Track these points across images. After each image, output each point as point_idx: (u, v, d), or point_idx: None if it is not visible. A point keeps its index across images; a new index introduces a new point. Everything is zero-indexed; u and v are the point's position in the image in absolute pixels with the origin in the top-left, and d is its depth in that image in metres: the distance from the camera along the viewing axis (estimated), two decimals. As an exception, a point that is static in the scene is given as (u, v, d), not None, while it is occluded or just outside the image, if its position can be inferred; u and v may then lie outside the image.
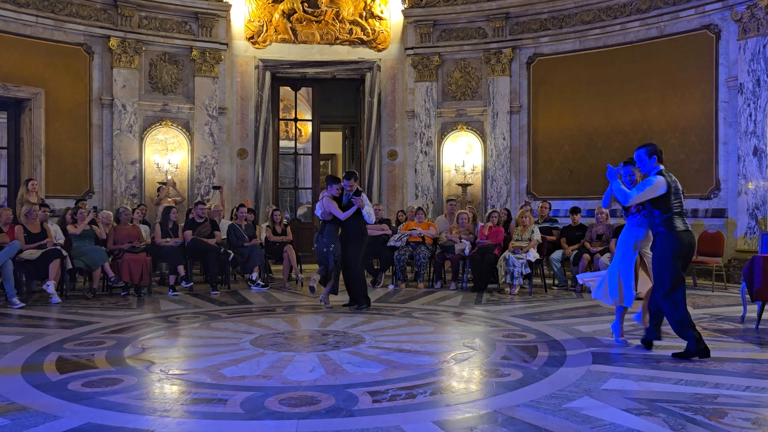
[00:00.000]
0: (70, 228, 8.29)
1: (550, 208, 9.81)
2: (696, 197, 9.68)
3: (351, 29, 11.83)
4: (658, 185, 4.82)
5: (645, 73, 10.24)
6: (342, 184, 7.15)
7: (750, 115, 9.03)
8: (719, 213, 9.46)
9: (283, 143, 13.56)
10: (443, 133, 11.78)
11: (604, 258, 8.18)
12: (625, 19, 10.39)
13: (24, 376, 4.24)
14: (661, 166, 4.96)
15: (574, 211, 9.09)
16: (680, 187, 4.94)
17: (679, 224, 4.83)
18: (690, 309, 6.89)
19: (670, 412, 3.42)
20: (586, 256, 8.33)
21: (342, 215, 6.94)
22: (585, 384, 4.00)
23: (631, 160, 5.13)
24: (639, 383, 4.01)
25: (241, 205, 9.55)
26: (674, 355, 4.72)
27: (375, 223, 9.48)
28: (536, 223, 9.17)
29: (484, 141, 11.61)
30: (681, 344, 4.80)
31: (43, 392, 3.87)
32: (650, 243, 5.06)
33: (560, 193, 10.86)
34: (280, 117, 13.16)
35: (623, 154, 10.26)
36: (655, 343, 5.09)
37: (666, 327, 5.04)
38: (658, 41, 10.13)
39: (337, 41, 11.84)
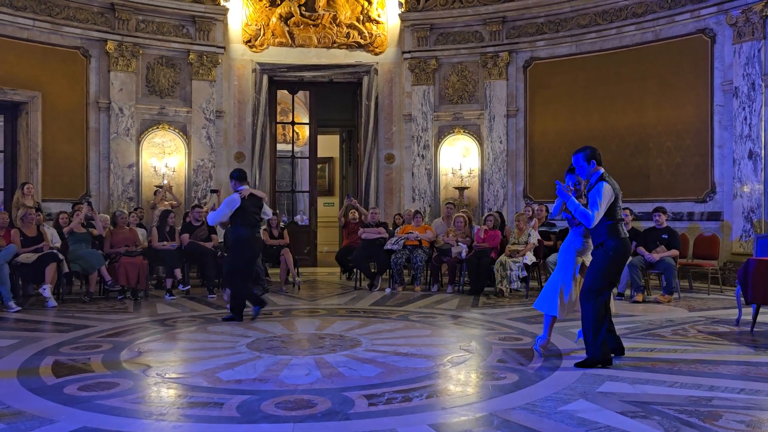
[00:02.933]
0: (65, 228, 8.29)
1: (547, 212, 9.81)
2: (692, 200, 9.72)
3: (348, 33, 11.86)
4: (607, 194, 4.51)
5: (641, 76, 10.29)
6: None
7: (745, 118, 9.08)
8: (715, 216, 9.50)
9: (280, 146, 13.57)
10: (440, 136, 11.81)
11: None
12: (621, 23, 10.44)
13: (20, 380, 4.23)
14: (602, 170, 4.67)
15: (570, 214, 9.09)
16: (620, 191, 4.66)
17: (622, 232, 4.63)
18: (685, 312, 6.97)
19: (665, 415, 3.43)
20: (582, 259, 8.33)
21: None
22: (580, 387, 4.01)
23: (573, 168, 4.84)
24: (634, 386, 4.02)
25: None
26: (577, 364, 4.52)
27: (372, 226, 9.54)
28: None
29: (480, 144, 11.64)
30: (675, 348, 4.81)
31: (39, 396, 3.87)
32: (590, 251, 4.85)
33: (557, 197, 10.84)
34: (278, 120, 13.18)
35: (619, 157, 10.33)
36: (651, 348, 5.10)
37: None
38: (654, 45, 10.18)
39: (335, 45, 11.87)
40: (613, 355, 4.62)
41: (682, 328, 6.02)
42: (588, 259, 4.87)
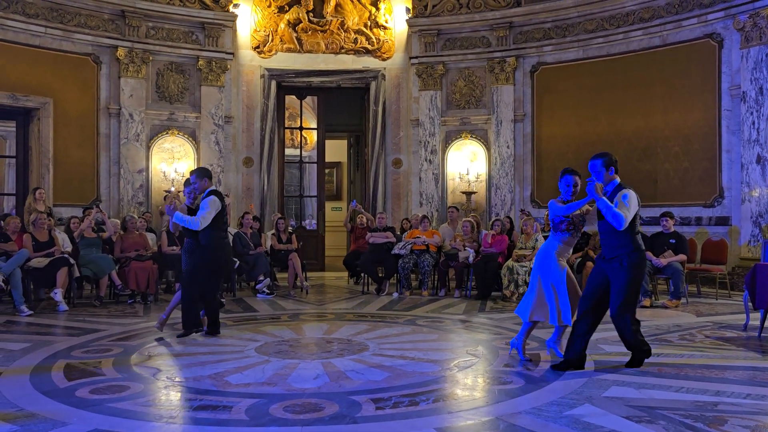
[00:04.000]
0: (75, 232, 8.37)
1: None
2: (699, 205, 9.71)
3: (356, 38, 11.94)
4: (634, 201, 4.42)
5: (648, 81, 10.30)
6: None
7: (753, 123, 9.07)
8: (723, 221, 9.48)
9: (288, 151, 13.65)
10: (447, 141, 11.85)
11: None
12: (628, 28, 10.45)
13: (32, 383, 4.29)
14: (618, 179, 4.57)
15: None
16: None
17: (642, 243, 4.55)
18: (693, 317, 6.97)
19: (671, 420, 3.45)
20: (590, 263, 8.35)
21: (194, 225, 5.75)
22: (586, 391, 4.03)
23: (571, 170, 4.76)
24: (640, 391, 4.04)
25: (246, 213, 9.62)
26: (628, 365, 4.60)
27: (380, 230, 9.59)
28: (543, 231, 9.19)
29: (488, 149, 11.67)
30: (682, 353, 4.81)
31: (52, 399, 3.93)
32: (567, 255, 4.81)
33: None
34: (286, 125, 13.26)
35: (627, 161, 10.32)
36: (658, 353, 5.10)
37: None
38: (661, 50, 10.19)
39: (342, 50, 11.95)
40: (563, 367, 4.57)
41: (690, 333, 6.02)
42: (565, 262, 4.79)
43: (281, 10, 11.83)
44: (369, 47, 11.96)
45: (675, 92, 10.05)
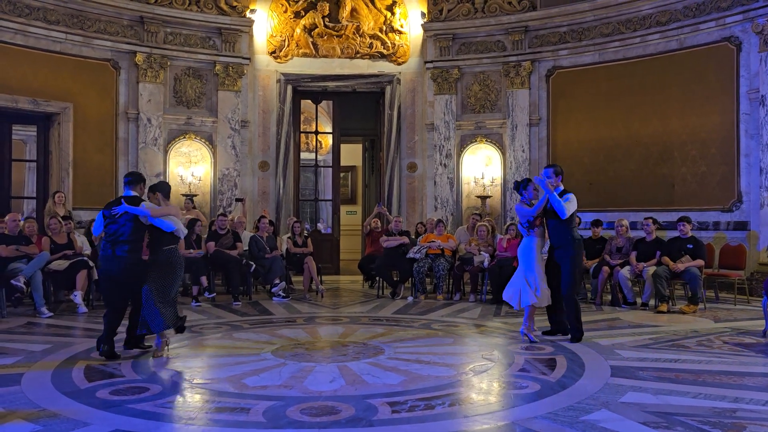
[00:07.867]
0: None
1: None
2: (718, 210, 9.61)
3: (371, 43, 11.99)
4: (574, 202, 5.94)
5: (665, 85, 10.22)
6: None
7: (772, 127, 8.97)
8: (741, 226, 9.38)
9: (303, 155, 13.73)
10: (462, 145, 11.84)
11: (624, 271, 8.16)
12: (645, 32, 10.39)
13: (54, 384, 4.37)
14: (562, 186, 6.05)
15: (596, 223, 9.07)
16: None
17: (579, 237, 6.05)
18: (711, 322, 6.90)
19: (688, 426, 3.43)
20: (606, 268, 8.33)
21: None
22: (603, 397, 4.02)
23: (524, 181, 6.22)
24: (657, 396, 4.02)
25: (262, 217, 9.69)
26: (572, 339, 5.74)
27: (395, 234, 9.61)
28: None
29: (503, 153, 11.65)
30: (700, 359, 4.76)
31: (73, 399, 4.00)
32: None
33: (580, 206, 10.73)
34: (301, 129, 13.32)
35: (643, 166, 10.30)
36: (675, 358, 5.08)
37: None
38: (678, 53, 10.11)
39: (358, 55, 12.01)
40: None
41: (707, 338, 5.97)
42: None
43: (297, 15, 11.92)
44: (384, 52, 12.01)
45: (692, 96, 9.97)
